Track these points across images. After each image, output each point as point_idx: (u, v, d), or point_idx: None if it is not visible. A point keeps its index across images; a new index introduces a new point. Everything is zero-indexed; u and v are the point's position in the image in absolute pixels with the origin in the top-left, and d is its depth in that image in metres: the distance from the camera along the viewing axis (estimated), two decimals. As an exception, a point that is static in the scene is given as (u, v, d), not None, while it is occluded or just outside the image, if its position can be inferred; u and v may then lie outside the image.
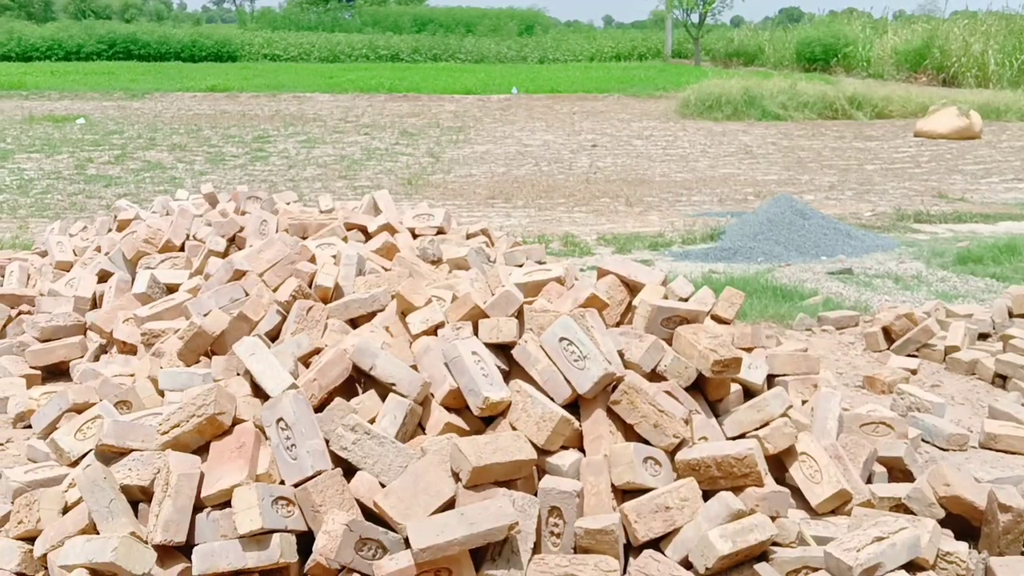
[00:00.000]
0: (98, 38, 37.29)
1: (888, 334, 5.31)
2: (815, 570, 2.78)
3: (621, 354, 3.25)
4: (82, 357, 4.75)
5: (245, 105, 22.19)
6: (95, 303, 5.18)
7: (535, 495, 2.81)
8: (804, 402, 3.72)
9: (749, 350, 3.76)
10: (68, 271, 5.75)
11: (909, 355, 5.15)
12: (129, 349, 4.50)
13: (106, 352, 4.73)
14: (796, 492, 3.17)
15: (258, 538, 2.61)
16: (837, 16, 40.16)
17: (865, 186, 12.05)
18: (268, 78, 28.49)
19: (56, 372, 4.74)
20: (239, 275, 4.46)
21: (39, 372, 4.67)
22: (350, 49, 39.18)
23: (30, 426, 4.03)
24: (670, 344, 3.43)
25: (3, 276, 6.03)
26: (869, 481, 3.37)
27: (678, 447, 3.03)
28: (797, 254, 7.98)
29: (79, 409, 3.79)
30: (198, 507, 2.73)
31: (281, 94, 24.39)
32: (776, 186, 11.91)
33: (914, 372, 4.87)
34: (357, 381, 3.28)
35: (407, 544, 2.59)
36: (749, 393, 3.45)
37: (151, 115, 19.74)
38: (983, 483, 3.28)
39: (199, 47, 38.06)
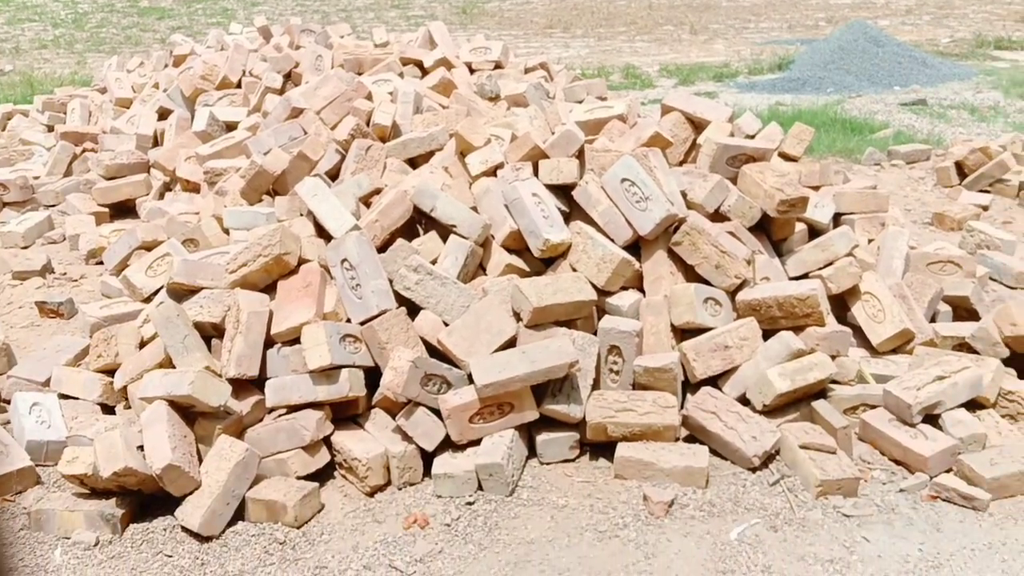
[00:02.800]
0: None
1: (961, 169, 5.14)
2: (873, 407, 2.81)
3: (684, 194, 3.19)
4: (147, 195, 4.83)
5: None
6: (156, 141, 5.22)
7: (595, 334, 2.85)
8: (870, 240, 3.66)
9: (816, 188, 3.68)
10: (128, 108, 5.78)
11: (981, 190, 4.99)
12: (192, 187, 4.56)
13: (170, 190, 4.80)
14: (858, 331, 3.16)
15: (327, 373, 2.71)
16: None
17: (944, 10, 11.39)
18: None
19: (123, 210, 4.83)
20: (296, 113, 4.43)
21: (107, 209, 4.78)
22: None
23: (101, 263, 4.16)
24: (735, 183, 3.36)
25: (65, 114, 6.09)
26: (933, 320, 3.35)
27: (739, 287, 3.02)
28: (869, 84, 7.67)
29: (148, 247, 3.90)
30: (268, 343, 2.83)
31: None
32: (850, 11, 11.32)
33: (986, 208, 4.73)
34: (418, 222, 3.29)
35: (470, 380, 2.66)
36: (815, 232, 3.40)
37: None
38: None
39: None
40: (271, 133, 4.29)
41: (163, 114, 5.34)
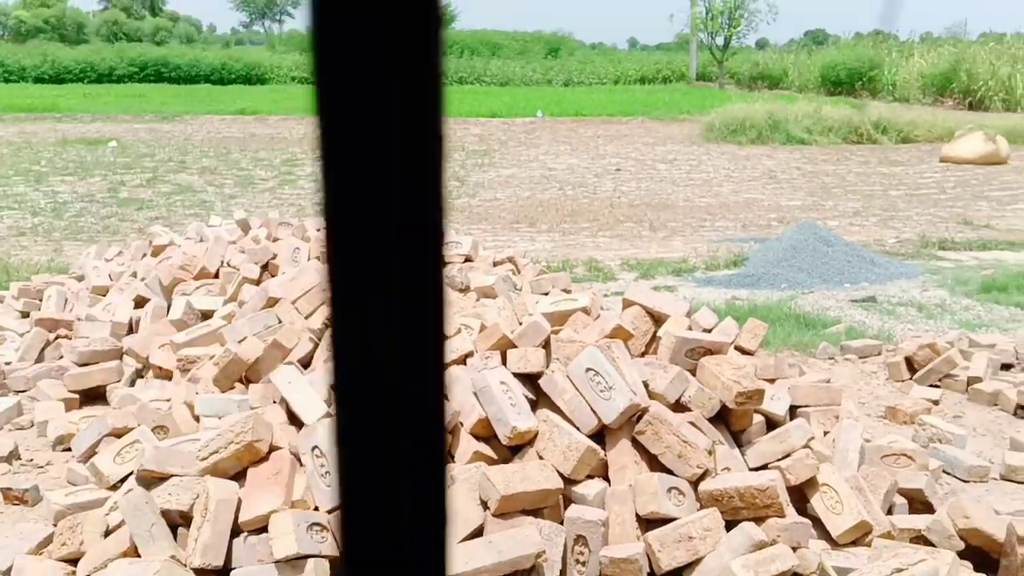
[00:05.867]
0: (129, 61, 37.94)
1: (911, 364, 5.35)
2: (836, 600, 2.84)
3: (646, 384, 3.32)
4: (119, 381, 4.88)
5: (274, 128, 22.49)
6: (131, 328, 5.31)
7: (561, 524, 2.89)
8: (826, 433, 3.78)
9: (772, 381, 3.83)
10: (105, 296, 5.90)
11: (931, 385, 5.18)
12: (165, 374, 4.62)
13: (142, 377, 4.86)
14: (817, 523, 3.22)
15: (293, 563, 2.71)
16: (863, 39, 40.16)
17: (889, 212, 12.06)
18: (297, 101, 28.77)
19: (94, 396, 4.86)
20: (272, 302, 4.57)
21: (77, 396, 4.80)
22: (377, 72, 39.51)
23: (69, 449, 4.15)
24: (694, 374, 3.50)
25: (41, 300, 6.20)
26: (890, 512, 3.42)
27: (701, 477, 3.10)
28: (820, 281, 8.01)
29: (118, 434, 3.91)
30: (235, 532, 2.83)
31: (310, 117, 24.63)
32: (800, 212, 11.94)
33: (936, 403, 4.90)
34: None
35: (437, 570, 2.67)
36: (772, 424, 3.52)
37: (181, 138, 20.05)
38: (1003, 515, 3.32)
39: (229, 70, 38.60)
40: (246, 322, 4.42)
41: (139, 302, 5.47)
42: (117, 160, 16.28)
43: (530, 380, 3.35)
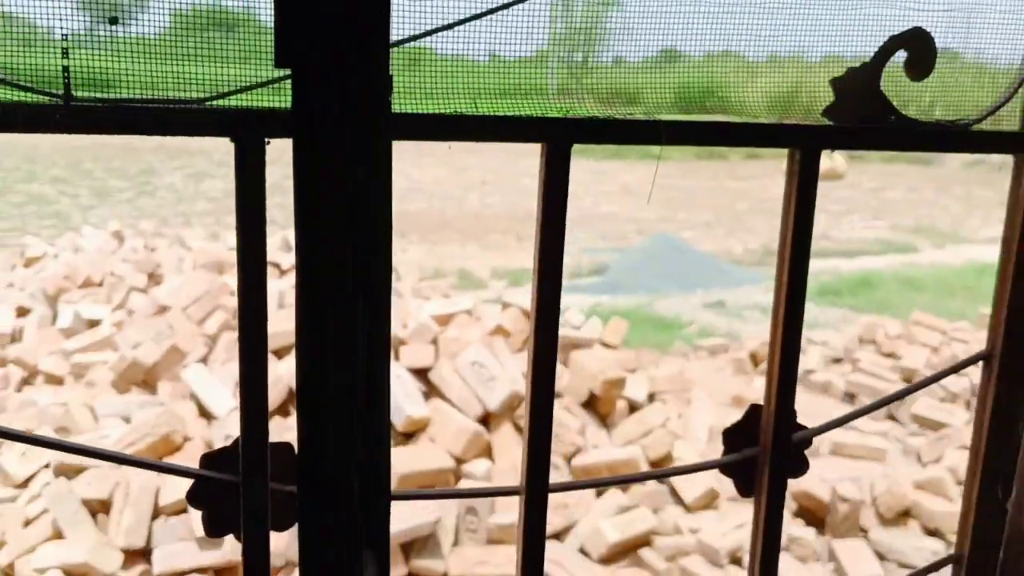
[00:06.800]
0: (-33, 65, 36.04)
1: (754, 359, 5.96)
2: (689, 554, 3.31)
3: (524, 375, 3.73)
4: (4, 389, 4.92)
5: (126, 137, 21.85)
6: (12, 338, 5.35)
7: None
8: (680, 416, 4.28)
9: (633, 371, 4.30)
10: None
11: (771, 377, 5.79)
12: (56, 380, 4.72)
13: (29, 384, 4.92)
14: (673, 491, 3.70)
15: (212, 539, 2.96)
16: (712, 58, 42.15)
17: (737, 224, 12.95)
18: (151, 110, 28.00)
19: (-22, 404, 4.89)
20: (162, 310, 4.75)
21: (-39, 404, 4.83)
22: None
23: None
24: (566, 366, 3.93)
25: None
26: (735, 483, 3.94)
27: (574, 453, 3.52)
28: (675, 287, 8.66)
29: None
30: (155, 515, 3.06)
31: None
32: (655, 223, 12.68)
33: (775, 391, 5.51)
34: (291, 402, 3.66)
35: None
36: (633, 408, 3.98)
37: (27, 146, 19.31)
38: (828, 480, 3.88)
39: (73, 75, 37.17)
40: (140, 328, 4.58)
41: (20, 312, 5.50)
42: (-37, 169, 15.62)
43: (422, 374, 3.70)
